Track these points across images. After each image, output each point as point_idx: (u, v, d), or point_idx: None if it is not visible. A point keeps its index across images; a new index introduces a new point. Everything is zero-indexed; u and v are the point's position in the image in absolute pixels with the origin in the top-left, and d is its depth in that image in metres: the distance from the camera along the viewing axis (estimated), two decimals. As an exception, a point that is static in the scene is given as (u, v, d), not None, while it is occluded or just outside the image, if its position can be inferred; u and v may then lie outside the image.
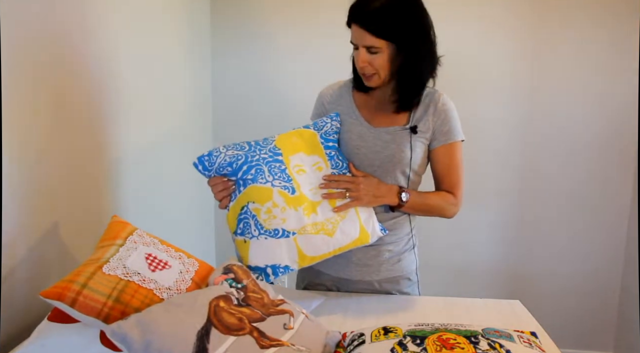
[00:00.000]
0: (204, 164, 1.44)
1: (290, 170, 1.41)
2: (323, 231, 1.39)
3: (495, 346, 1.05)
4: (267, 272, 1.38)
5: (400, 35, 1.36)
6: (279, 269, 1.38)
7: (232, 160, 1.41)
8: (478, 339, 1.08)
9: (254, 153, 1.42)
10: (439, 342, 1.06)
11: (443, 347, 1.04)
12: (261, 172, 1.39)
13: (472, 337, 1.08)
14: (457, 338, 1.08)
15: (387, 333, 1.13)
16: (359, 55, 1.40)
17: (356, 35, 1.39)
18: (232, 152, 1.43)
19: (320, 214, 1.40)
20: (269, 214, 1.37)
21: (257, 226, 1.38)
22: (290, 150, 1.44)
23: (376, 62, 1.40)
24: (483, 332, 1.12)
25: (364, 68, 1.42)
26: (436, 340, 1.07)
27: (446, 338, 1.08)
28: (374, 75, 1.43)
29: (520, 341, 1.12)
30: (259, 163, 1.40)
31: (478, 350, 1.03)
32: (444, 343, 1.06)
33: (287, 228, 1.37)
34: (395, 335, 1.12)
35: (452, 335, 1.09)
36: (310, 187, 1.42)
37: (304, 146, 1.46)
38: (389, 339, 1.10)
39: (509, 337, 1.12)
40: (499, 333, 1.13)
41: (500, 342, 1.08)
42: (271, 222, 1.37)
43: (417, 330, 1.13)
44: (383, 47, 1.37)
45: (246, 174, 1.39)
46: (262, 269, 1.38)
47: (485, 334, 1.11)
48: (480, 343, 1.06)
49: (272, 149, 1.43)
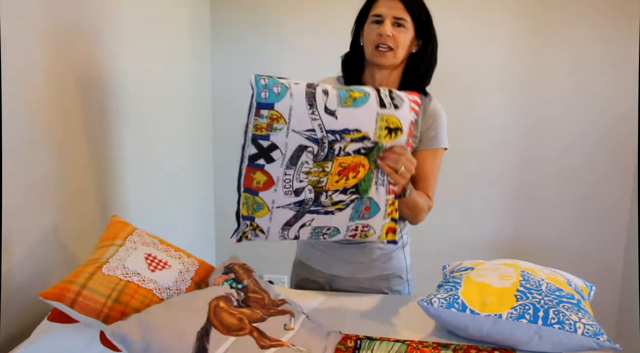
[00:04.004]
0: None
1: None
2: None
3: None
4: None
5: (423, 19, 1.43)
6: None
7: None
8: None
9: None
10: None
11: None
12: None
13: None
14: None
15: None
16: (384, 25, 1.41)
17: (387, 6, 1.41)
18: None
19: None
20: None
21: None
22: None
23: (400, 37, 1.42)
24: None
25: (387, 39, 1.42)
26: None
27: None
28: (390, 52, 1.43)
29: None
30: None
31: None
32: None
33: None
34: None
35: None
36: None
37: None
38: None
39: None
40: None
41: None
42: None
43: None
44: (408, 25, 1.42)
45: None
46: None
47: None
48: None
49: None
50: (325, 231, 1.29)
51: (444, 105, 1.53)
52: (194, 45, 2.48)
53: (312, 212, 1.26)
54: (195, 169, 2.55)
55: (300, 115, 1.17)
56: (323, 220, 1.27)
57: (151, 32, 2.03)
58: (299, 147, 1.18)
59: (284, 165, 1.20)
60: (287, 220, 1.26)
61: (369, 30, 1.46)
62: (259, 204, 1.24)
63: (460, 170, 2.57)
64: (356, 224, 1.30)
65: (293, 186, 1.22)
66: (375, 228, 1.32)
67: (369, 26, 1.45)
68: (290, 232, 1.28)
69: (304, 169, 1.21)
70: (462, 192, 2.63)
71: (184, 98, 2.38)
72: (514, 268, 1.36)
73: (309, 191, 1.23)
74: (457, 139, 2.58)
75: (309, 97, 1.17)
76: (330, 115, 1.18)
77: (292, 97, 1.17)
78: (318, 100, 1.18)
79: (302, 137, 1.18)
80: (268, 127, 1.17)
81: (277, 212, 1.24)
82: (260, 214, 1.25)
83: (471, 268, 1.41)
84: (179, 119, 2.34)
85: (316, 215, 1.26)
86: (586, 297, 1.36)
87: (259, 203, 1.24)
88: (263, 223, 1.26)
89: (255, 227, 1.27)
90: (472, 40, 2.54)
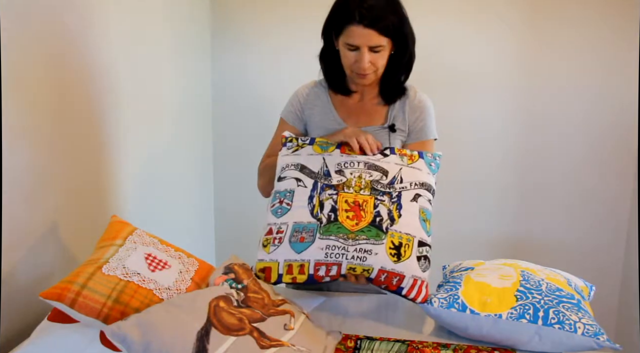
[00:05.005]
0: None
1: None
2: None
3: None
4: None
5: (398, 29, 1.37)
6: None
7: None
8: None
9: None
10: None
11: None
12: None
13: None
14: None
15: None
16: (362, 56, 1.36)
17: (359, 36, 1.34)
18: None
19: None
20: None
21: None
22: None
23: (378, 60, 1.39)
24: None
25: (368, 68, 1.39)
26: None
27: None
28: (371, 74, 1.42)
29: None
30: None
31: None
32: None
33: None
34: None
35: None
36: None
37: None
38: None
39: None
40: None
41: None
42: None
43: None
44: (386, 45, 1.37)
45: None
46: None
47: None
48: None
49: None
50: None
51: (444, 104, 1.53)
52: (194, 45, 2.48)
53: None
54: (195, 169, 2.55)
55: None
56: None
57: (151, 32, 2.03)
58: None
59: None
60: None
61: (345, 55, 1.41)
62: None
63: (460, 170, 2.57)
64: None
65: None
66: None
67: (344, 51, 1.40)
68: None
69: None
70: (462, 192, 2.62)
71: (183, 98, 2.38)
72: (514, 268, 1.36)
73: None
74: (457, 139, 2.61)
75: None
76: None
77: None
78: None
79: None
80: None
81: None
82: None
83: (471, 268, 1.41)
84: (179, 118, 2.34)
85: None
86: (586, 297, 1.37)
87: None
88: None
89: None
90: (472, 40, 2.54)
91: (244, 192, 2.53)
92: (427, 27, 2.40)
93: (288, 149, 1.46)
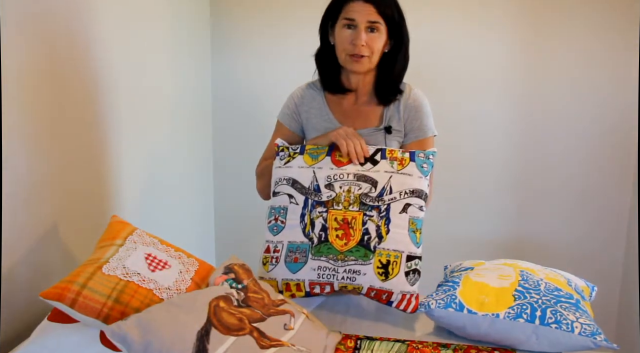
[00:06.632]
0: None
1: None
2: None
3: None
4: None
5: (396, 19, 1.41)
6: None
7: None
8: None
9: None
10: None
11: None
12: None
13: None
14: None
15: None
16: (358, 34, 1.39)
17: (359, 10, 1.38)
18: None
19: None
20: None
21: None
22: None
23: (374, 43, 1.41)
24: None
25: (362, 48, 1.40)
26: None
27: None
28: (365, 58, 1.42)
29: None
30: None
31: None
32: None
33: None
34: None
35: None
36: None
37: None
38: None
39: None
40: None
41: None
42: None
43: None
44: (382, 28, 1.40)
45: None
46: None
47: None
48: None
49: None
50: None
51: (444, 104, 1.53)
52: (194, 45, 2.48)
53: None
54: (195, 169, 2.55)
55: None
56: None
57: (151, 32, 2.03)
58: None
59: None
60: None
61: (341, 35, 1.43)
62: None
63: (461, 170, 2.57)
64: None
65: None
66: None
67: (342, 30, 1.43)
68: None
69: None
70: (462, 192, 2.62)
71: (183, 98, 2.38)
72: (514, 269, 1.36)
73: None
74: (457, 139, 2.60)
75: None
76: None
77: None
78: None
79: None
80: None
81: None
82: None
83: (471, 268, 1.41)
84: (179, 118, 2.34)
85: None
86: (587, 297, 1.37)
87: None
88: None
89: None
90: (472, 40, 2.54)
91: (244, 192, 2.53)
92: (428, 27, 2.42)
93: (281, 159, 1.48)
